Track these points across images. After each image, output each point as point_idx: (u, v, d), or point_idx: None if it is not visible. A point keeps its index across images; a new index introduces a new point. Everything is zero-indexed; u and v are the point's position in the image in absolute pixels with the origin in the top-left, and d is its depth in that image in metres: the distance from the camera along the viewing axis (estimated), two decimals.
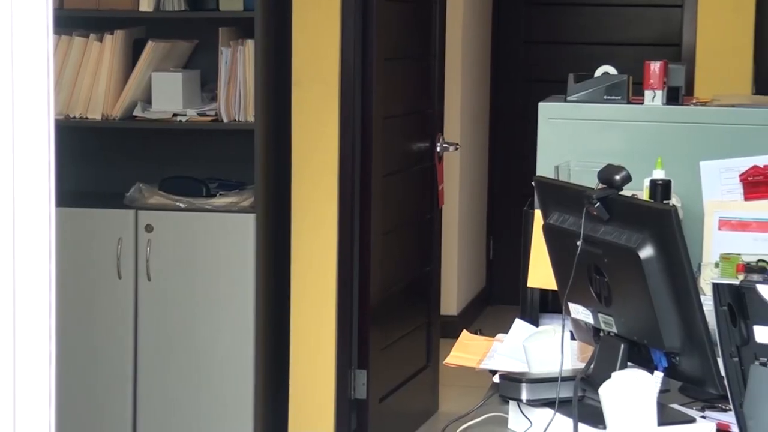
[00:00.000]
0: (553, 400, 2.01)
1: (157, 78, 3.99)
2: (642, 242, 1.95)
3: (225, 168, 4.18)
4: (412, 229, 4.59)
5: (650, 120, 2.91)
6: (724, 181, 2.66)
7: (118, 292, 3.96)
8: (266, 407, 4.05)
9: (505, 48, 6.43)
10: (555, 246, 2.18)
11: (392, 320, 4.40)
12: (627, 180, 2.05)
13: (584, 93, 2.97)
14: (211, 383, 3.96)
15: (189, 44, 4.15)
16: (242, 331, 3.93)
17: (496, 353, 2.33)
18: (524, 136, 5.79)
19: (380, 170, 4.24)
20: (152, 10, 3.97)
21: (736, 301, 1.81)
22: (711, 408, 2.08)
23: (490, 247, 6.52)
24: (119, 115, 3.99)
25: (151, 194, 4.00)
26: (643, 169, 2.62)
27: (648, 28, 6.18)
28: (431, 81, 4.66)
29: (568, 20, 6.32)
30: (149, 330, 3.97)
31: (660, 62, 2.89)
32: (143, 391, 3.99)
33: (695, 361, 1.92)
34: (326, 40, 4.11)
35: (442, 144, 4.68)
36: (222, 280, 3.94)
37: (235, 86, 3.93)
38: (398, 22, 4.39)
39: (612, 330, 2.06)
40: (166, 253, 3.94)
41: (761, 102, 3.00)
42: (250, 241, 3.91)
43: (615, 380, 1.91)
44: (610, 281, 2.03)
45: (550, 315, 2.73)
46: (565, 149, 2.92)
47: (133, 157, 4.24)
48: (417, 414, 4.63)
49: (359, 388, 4.22)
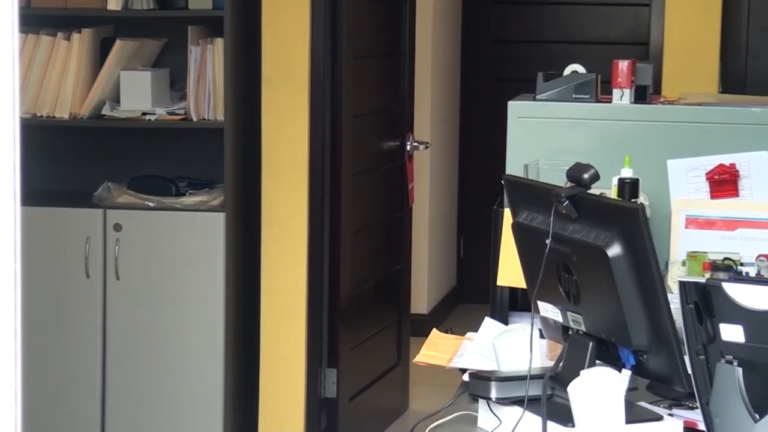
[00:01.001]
0: (522, 399, 2.01)
1: (126, 77, 3.97)
2: (610, 240, 1.96)
3: (194, 167, 4.17)
4: (382, 227, 4.59)
5: (618, 119, 2.92)
6: (691, 179, 2.68)
7: (87, 292, 3.94)
8: (236, 406, 4.04)
9: (474, 47, 6.45)
10: (524, 244, 2.18)
11: (362, 319, 4.40)
12: (595, 178, 2.05)
13: (553, 92, 2.98)
14: (180, 383, 3.95)
15: (158, 43, 4.14)
16: (212, 331, 3.92)
17: (466, 352, 2.34)
18: (494, 135, 5.80)
19: (350, 169, 4.24)
20: (120, 8, 3.95)
21: (703, 300, 1.82)
22: (678, 406, 2.09)
23: (461, 245, 6.53)
24: (87, 114, 3.97)
25: (120, 193, 3.98)
26: (611, 168, 2.63)
27: (617, 27, 6.21)
28: (401, 80, 4.66)
29: (537, 19, 6.34)
30: (118, 329, 3.95)
31: (628, 61, 2.91)
32: (112, 391, 3.97)
33: (662, 359, 1.93)
34: (296, 38, 4.10)
35: (412, 143, 4.68)
36: (191, 280, 3.92)
37: (204, 85, 3.91)
38: (368, 21, 4.39)
39: (580, 328, 2.07)
40: (135, 252, 3.93)
41: (727, 101, 3.03)
42: (219, 240, 3.90)
43: (583, 378, 1.92)
44: (578, 279, 2.03)
45: (519, 313, 2.74)
46: (534, 148, 2.93)
47: (101, 156, 4.22)
48: (387, 412, 4.63)
49: (329, 386, 4.22)
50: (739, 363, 1.80)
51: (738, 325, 1.79)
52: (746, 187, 2.66)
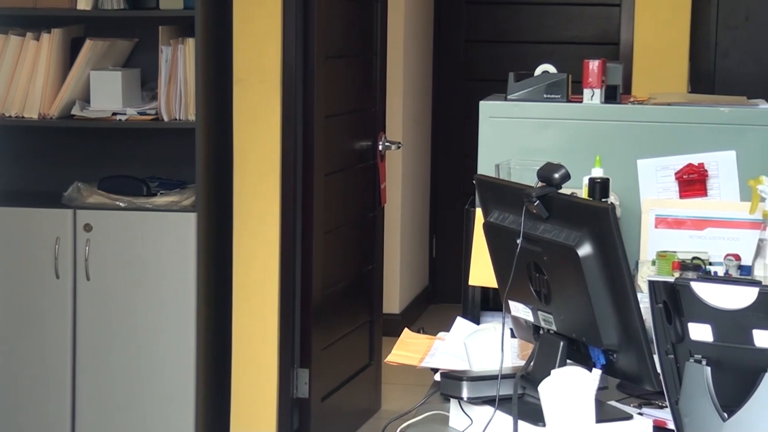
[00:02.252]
0: (493, 398, 2.02)
1: (96, 76, 3.95)
2: (580, 240, 1.97)
3: (166, 167, 4.15)
4: (354, 227, 4.59)
5: (589, 118, 2.93)
6: (660, 179, 2.70)
7: (56, 292, 3.92)
8: (208, 407, 4.03)
9: (446, 47, 6.46)
10: (495, 244, 2.19)
11: (334, 319, 4.40)
12: (566, 178, 2.06)
13: (524, 91, 2.99)
14: (151, 383, 3.93)
15: (128, 43, 4.12)
16: (183, 331, 3.91)
17: (438, 351, 2.34)
18: (466, 135, 5.81)
19: (322, 169, 4.24)
20: (90, 8, 3.93)
21: (671, 299, 1.83)
22: (648, 405, 2.11)
23: (433, 245, 6.54)
24: (57, 114, 3.95)
25: (90, 193, 3.96)
26: (582, 167, 2.64)
27: (588, 27, 6.24)
28: (373, 79, 4.67)
29: (509, 19, 6.36)
30: (88, 330, 3.94)
31: (598, 61, 2.92)
32: (82, 392, 3.95)
33: (632, 358, 1.94)
34: (267, 38, 4.10)
35: (384, 142, 4.68)
36: (163, 280, 3.91)
37: (175, 85, 3.90)
38: (340, 20, 4.39)
39: (551, 327, 2.07)
40: (106, 252, 3.91)
41: (696, 100, 3.04)
42: (191, 240, 3.89)
43: (554, 378, 1.93)
44: (549, 279, 2.04)
45: (491, 313, 2.75)
46: (505, 147, 2.94)
47: (71, 156, 4.20)
48: (359, 412, 4.63)
49: (301, 387, 4.22)
50: (708, 362, 1.81)
51: (706, 324, 1.80)
52: (714, 187, 2.68)
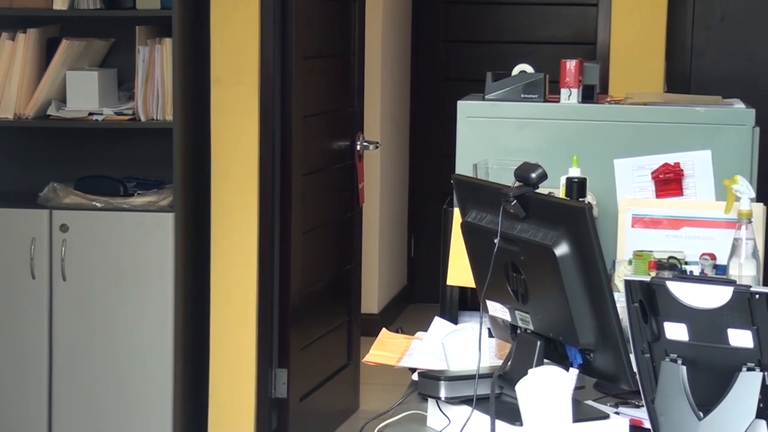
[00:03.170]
0: (471, 398, 2.02)
1: (72, 77, 3.94)
2: (557, 240, 1.97)
3: (144, 167, 4.14)
4: (332, 227, 4.59)
5: (566, 118, 2.94)
6: (637, 178, 2.71)
7: (32, 293, 3.91)
8: (186, 407, 4.02)
9: (424, 47, 6.46)
10: (473, 244, 2.19)
11: (313, 319, 4.39)
12: (543, 178, 2.07)
13: (502, 91, 3.00)
14: (129, 383, 3.92)
15: (105, 43, 4.11)
16: (161, 331, 3.90)
17: (416, 351, 2.35)
18: (444, 135, 5.82)
19: (300, 169, 4.24)
20: (67, 8, 3.91)
21: (647, 298, 1.84)
22: (625, 404, 2.11)
23: (412, 245, 6.54)
24: (32, 114, 3.93)
25: (66, 194, 3.95)
26: (559, 167, 2.65)
27: (565, 27, 6.25)
28: (351, 79, 4.66)
29: (487, 19, 6.37)
30: (65, 331, 3.92)
31: (575, 61, 2.93)
32: (59, 393, 3.94)
33: (609, 357, 1.95)
34: (245, 38, 4.09)
35: (362, 142, 4.68)
36: (140, 280, 3.90)
37: (152, 85, 3.89)
38: (318, 21, 4.39)
39: (529, 327, 2.08)
40: (83, 253, 3.90)
41: (672, 100, 3.06)
42: (168, 240, 3.88)
43: (531, 377, 1.93)
44: (526, 278, 2.05)
45: (469, 312, 2.75)
46: (483, 147, 2.94)
47: (47, 156, 4.19)
48: (338, 412, 4.63)
49: (280, 387, 4.21)
50: (683, 361, 1.82)
51: (682, 323, 1.81)
52: (690, 186, 2.69)
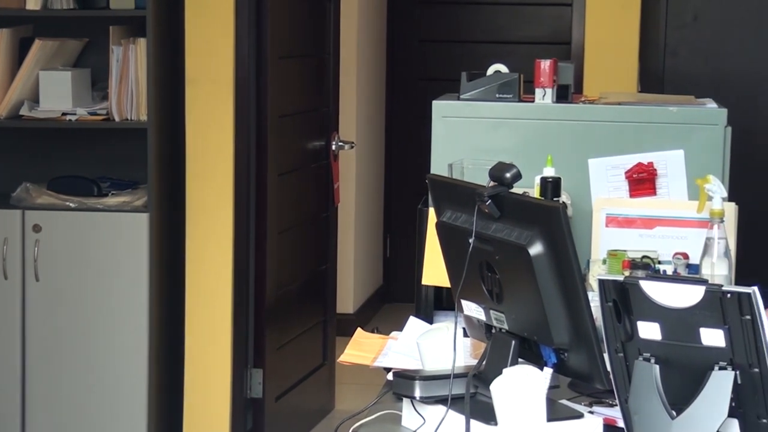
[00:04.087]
0: (445, 397, 2.02)
1: (45, 77, 3.92)
2: (532, 239, 1.97)
3: (118, 167, 4.13)
4: (308, 227, 4.59)
5: (540, 118, 2.95)
6: (611, 178, 2.72)
7: (5, 294, 3.89)
8: (160, 407, 4.00)
9: (400, 46, 6.46)
10: (448, 244, 2.19)
11: (288, 319, 4.39)
12: (517, 177, 2.07)
13: (477, 91, 3.01)
14: (103, 384, 3.90)
15: (78, 43, 4.09)
16: (136, 332, 3.88)
17: (391, 351, 2.35)
18: (420, 135, 5.81)
19: (276, 169, 4.23)
20: (39, 8, 3.89)
21: (621, 297, 1.84)
22: (599, 403, 2.12)
23: (387, 245, 6.54)
24: (5, 114, 3.91)
25: (39, 194, 3.93)
26: (534, 167, 2.66)
27: (540, 27, 6.27)
28: (326, 79, 4.66)
29: (462, 19, 6.38)
30: (38, 332, 3.90)
31: (550, 61, 2.94)
32: (32, 393, 3.92)
33: (583, 357, 1.95)
34: (220, 38, 4.08)
35: (337, 142, 4.68)
36: (115, 280, 3.88)
37: (126, 85, 3.87)
38: (292, 20, 4.38)
39: (503, 327, 2.08)
40: (56, 253, 3.88)
41: (646, 99, 3.07)
42: (143, 240, 3.87)
43: (506, 377, 1.93)
44: (501, 278, 2.05)
45: (444, 312, 2.76)
46: (458, 147, 2.95)
47: (19, 156, 4.16)
48: (313, 412, 4.63)
49: (255, 387, 4.21)
50: (656, 360, 1.83)
51: (655, 322, 1.82)
52: (663, 186, 2.71)
